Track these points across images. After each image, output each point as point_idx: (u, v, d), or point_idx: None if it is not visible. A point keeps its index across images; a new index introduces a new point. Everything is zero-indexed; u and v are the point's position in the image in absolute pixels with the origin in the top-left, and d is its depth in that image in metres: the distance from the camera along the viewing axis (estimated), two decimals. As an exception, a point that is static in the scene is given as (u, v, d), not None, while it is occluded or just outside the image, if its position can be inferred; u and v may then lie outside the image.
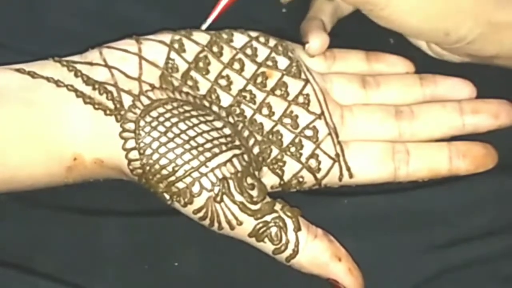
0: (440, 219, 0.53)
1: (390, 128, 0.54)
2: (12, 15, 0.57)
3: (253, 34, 0.54)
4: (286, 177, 0.52)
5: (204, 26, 0.54)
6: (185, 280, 0.52)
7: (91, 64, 0.51)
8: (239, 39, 0.54)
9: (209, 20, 0.54)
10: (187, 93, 0.51)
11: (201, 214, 0.49)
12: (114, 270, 0.52)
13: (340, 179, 0.53)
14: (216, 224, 0.49)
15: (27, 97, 0.50)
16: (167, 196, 0.49)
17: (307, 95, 0.54)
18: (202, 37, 0.53)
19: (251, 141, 0.52)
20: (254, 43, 0.54)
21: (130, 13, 0.57)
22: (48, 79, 0.50)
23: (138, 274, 0.52)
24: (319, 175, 0.53)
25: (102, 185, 0.52)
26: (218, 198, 0.49)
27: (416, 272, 0.52)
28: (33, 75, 0.50)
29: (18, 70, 0.50)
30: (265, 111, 0.53)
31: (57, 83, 0.50)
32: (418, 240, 0.53)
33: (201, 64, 0.52)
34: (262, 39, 0.54)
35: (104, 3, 0.57)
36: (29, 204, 0.52)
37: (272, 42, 0.55)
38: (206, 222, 0.49)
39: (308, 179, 0.53)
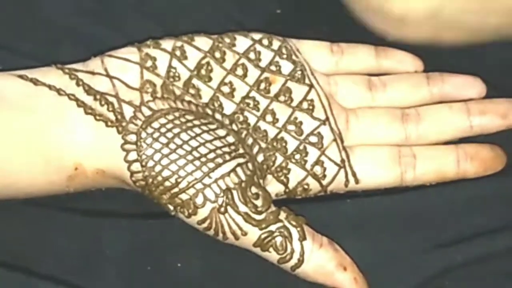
0: (442, 218, 0.53)
1: (396, 132, 0.54)
2: (8, 14, 0.56)
3: (256, 36, 0.53)
4: (291, 185, 0.52)
5: None
6: (188, 281, 0.51)
7: (92, 73, 0.50)
8: (242, 42, 0.53)
9: None
10: (189, 102, 0.51)
11: (205, 224, 0.49)
12: (116, 272, 0.51)
13: (346, 185, 0.52)
14: (220, 235, 0.49)
15: (28, 104, 0.49)
16: (171, 207, 0.49)
17: (312, 100, 0.53)
18: (204, 42, 0.52)
19: (255, 149, 0.51)
20: (258, 46, 0.53)
21: (128, 11, 0.56)
22: (50, 86, 0.50)
23: (140, 275, 0.51)
24: (324, 182, 0.52)
25: (104, 186, 0.52)
26: (222, 209, 0.48)
27: (418, 271, 0.51)
28: (35, 82, 0.50)
29: (20, 77, 0.50)
30: (269, 118, 0.52)
31: (59, 91, 0.50)
32: (420, 239, 0.52)
33: (203, 72, 0.52)
34: (265, 42, 0.53)
35: (101, 1, 0.57)
36: (30, 205, 0.52)
37: (276, 44, 0.54)
38: (211, 232, 0.49)
39: (314, 186, 0.52)
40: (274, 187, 0.51)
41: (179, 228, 0.51)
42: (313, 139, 0.52)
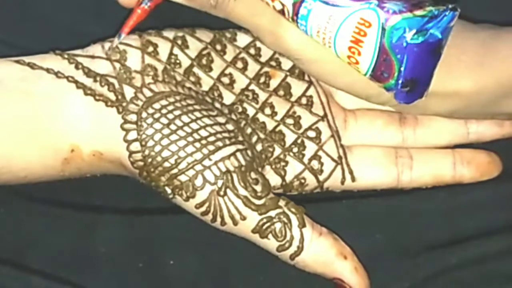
0: (437, 221, 0.52)
1: (393, 134, 0.54)
2: (5, 9, 0.56)
3: None
4: (288, 178, 0.51)
5: (116, 42, 0.50)
6: (180, 278, 0.50)
7: (92, 57, 0.50)
8: (243, 38, 0.53)
9: (123, 34, 0.50)
10: (189, 88, 0.51)
11: (203, 208, 0.48)
12: (108, 268, 0.50)
13: (342, 183, 0.52)
14: (218, 219, 0.48)
15: (25, 87, 0.49)
16: (169, 190, 0.48)
17: (310, 96, 0.53)
18: (205, 35, 0.52)
19: (254, 138, 0.51)
20: (258, 43, 0.53)
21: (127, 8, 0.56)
22: (48, 70, 0.49)
23: (133, 272, 0.50)
24: (321, 177, 0.52)
25: (98, 182, 0.51)
26: (222, 192, 0.47)
27: (413, 272, 0.51)
28: (32, 66, 0.49)
29: (17, 62, 0.49)
30: (267, 111, 0.52)
31: (57, 74, 0.49)
32: (414, 241, 0.52)
33: (204, 61, 0.51)
34: None
35: None
36: (24, 200, 0.51)
37: None
38: (209, 217, 0.48)
39: (310, 181, 0.52)
40: (272, 179, 0.51)
41: (171, 225, 0.51)
42: (311, 134, 0.52)
